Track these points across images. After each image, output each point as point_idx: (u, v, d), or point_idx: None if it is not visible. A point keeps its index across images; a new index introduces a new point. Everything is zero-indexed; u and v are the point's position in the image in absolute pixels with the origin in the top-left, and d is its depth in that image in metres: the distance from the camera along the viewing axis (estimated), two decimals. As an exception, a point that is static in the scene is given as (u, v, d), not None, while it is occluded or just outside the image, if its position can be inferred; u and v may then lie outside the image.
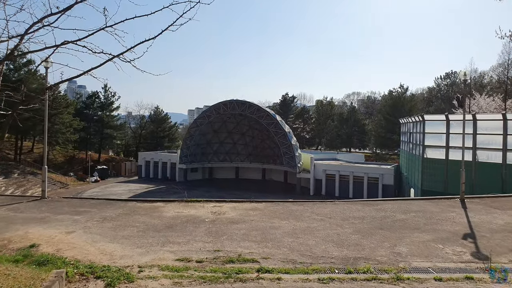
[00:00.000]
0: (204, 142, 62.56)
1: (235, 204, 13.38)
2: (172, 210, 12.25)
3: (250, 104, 52.93)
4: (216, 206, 12.99)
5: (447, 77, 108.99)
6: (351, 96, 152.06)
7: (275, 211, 12.21)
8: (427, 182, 33.74)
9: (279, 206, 13.10)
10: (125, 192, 50.28)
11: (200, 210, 12.36)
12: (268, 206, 13.09)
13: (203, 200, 13.86)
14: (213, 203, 13.45)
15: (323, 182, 49.74)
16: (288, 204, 13.42)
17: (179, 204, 13.32)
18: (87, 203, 13.15)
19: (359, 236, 9.45)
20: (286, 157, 51.96)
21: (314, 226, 10.35)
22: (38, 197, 13.70)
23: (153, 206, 12.84)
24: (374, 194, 46.36)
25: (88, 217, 11.20)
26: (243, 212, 12.08)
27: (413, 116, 39.76)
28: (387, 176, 46.27)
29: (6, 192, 45.73)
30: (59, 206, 12.57)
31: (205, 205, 13.18)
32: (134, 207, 12.73)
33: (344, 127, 79.21)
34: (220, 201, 13.88)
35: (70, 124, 65.08)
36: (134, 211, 12.13)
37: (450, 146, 31.96)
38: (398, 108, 65.92)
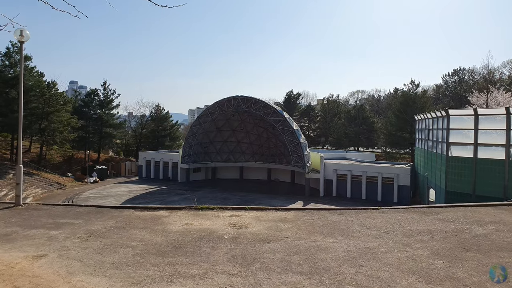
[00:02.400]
0: (207, 141, 59.89)
1: (258, 213, 10.66)
2: (179, 222, 9.54)
3: (255, 101, 50.21)
4: (234, 215, 10.28)
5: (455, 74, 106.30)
6: (355, 94, 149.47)
7: (312, 223, 9.49)
8: (453, 182, 31.03)
9: (314, 215, 10.38)
10: (124, 193, 47.66)
11: (214, 221, 9.65)
12: (300, 215, 10.37)
13: (217, 207, 11.14)
14: (230, 212, 10.74)
15: (334, 182, 47.03)
16: (325, 213, 10.70)
17: (187, 212, 10.60)
18: (72, 212, 10.43)
19: (444, 262, 6.73)
20: (294, 156, 49.19)
21: (374, 246, 7.63)
22: (11, 204, 10.99)
23: (155, 216, 10.13)
24: (389, 196, 43.73)
25: (70, 232, 8.48)
26: (270, 224, 9.37)
27: (433, 112, 37.04)
28: (403, 176, 43.54)
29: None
30: (35, 216, 9.86)
31: (220, 214, 10.47)
32: (131, 217, 10.02)
33: (352, 125, 76.39)
34: (237, 208, 11.17)
35: (68, 123, 62.54)
36: (130, 222, 9.42)
37: (479, 144, 29.23)
38: (410, 105, 63.06)
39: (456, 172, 30.88)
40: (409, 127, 64.66)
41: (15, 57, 57.75)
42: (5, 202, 11.35)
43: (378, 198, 44.27)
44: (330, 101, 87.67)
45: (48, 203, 11.15)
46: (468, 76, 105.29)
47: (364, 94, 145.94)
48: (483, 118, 29.08)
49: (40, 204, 11.12)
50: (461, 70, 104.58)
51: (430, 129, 38.82)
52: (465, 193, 30.25)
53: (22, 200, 11.10)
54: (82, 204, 11.01)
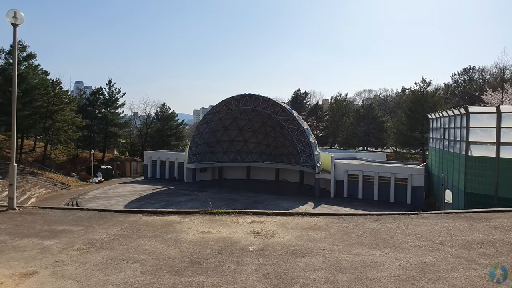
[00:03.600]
0: (214, 140, 58.67)
1: (282, 218, 9.38)
2: (194, 229, 8.27)
3: (264, 99, 48.90)
4: (256, 221, 9.00)
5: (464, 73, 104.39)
6: (362, 94, 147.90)
7: (348, 232, 8.19)
8: (473, 183, 29.54)
9: (347, 222, 9.07)
10: (130, 193, 46.56)
11: (234, 228, 8.37)
12: (332, 222, 9.07)
13: (235, 211, 9.87)
14: (250, 217, 9.46)
15: (345, 183, 45.62)
16: (359, 219, 9.38)
17: (202, 218, 9.33)
18: (71, 217, 9.19)
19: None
20: (304, 156, 47.83)
21: (432, 262, 6.32)
22: (3, 208, 9.78)
23: (166, 222, 8.87)
24: (402, 196, 42.29)
25: (67, 242, 7.24)
26: (300, 233, 8.08)
27: (450, 110, 35.57)
28: (416, 177, 42.06)
29: (2, 194, 42.16)
30: (29, 222, 8.63)
31: (240, 219, 9.20)
32: (138, 223, 8.76)
33: (361, 124, 74.86)
34: (258, 213, 9.89)
35: (73, 122, 61.56)
36: (138, 230, 8.16)
37: (502, 143, 27.74)
38: (421, 104, 61.46)
39: (476, 173, 29.40)
40: (420, 127, 63.10)
41: (19, 55, 56.84)
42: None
43: (391, 199, 42.83)
44: (338, 100, 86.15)
45: (46, 207, 9.93)
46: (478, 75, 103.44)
47: (371, 93, 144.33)
48: (506, 115, 27.61)
49: (36, 208, 9.90)
50: (471, 69, 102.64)
51: (446, 128, 37.33)
52: (486, 195, 28.77)
53: (20, 202, 9.87)
54: (83, 207, 9.79)
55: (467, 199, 29.95)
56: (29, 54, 57.93)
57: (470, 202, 29.61)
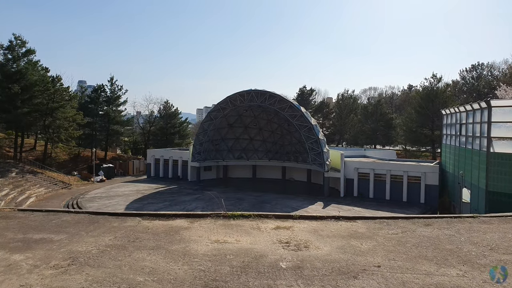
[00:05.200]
0: (218, 138, 56.96)
1: (312, 223, 7.69)
2: (206, 237, 6.60)
3: (270, 94, 47.10)
4: (281, 227, 7.32)
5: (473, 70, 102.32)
6: (367, 92, 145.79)
7: (400, 241, 6.49)
8: (495, 182, 27.70)
9: (392, 227, 7.37)
10: (132, 192, 44.98)
11: (256, 236, 6.70)
12: (374, 228, 7.38)
13: (253, 214, 8.19)
14: (273, 221, 7.78)
15: (355, 182, 43.79)
16: (405, 223, 7.69)
17: (215, 222, 7.67)
18: (54, 222, 7.54)
19: None
20: (312, 153, 46.05)
21: (537, 287, 4.63)
22: (-25, 211, 8.18)
23: (171, 228, 7.21)
24: (416, 196, 40.47)
25: (42, 256, 5.58)
26: (340, 242, 6.39)
27: (469, 104, 33.71)
28: (430, 175, 40.19)
29: (0, 193, 40.70)
30: (1, 229, 7.00)
31: (261, 224, 7.52)
32: (137, 229, 7.10)
33: (369, 121, 72.91)
34: (281, 216, 8.20)
35: (73, 119, 59.94)
36: (135, 238, 6.50)
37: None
38: (432, 100, 59.50)
39: (499, 170, 27.58)
40: (431, 123, 61.13)
41: (18, 50, 55.39)
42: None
43: (403, 198, 40.97)
44: (345, 97, 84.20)
45: (26, 209, 8.31)
46: (487, 71, 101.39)
47: (377, 91, 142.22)
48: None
49: (15, 210, 8.26)
50: (480, 65, 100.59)
51: (463, 124, 35.46)
52: (510, 194, 26.97)
53: (19, 202, 8.25)
54: (71, 210, 8.13)
55: (488, 199, 28.15)
56: (28, 49, 56.29)
57: (492, 202, 27.83)
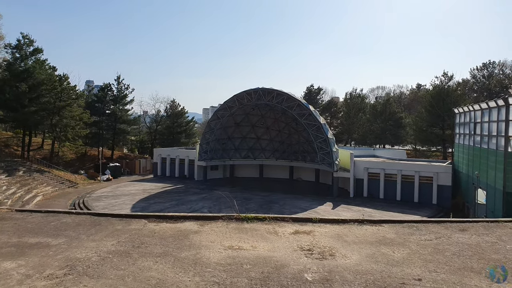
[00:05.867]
0: (225, 137, 56.39)
1: (334, 227, 7.00)
2: (219, 242, 5.94)
3: (278, 93, 46.40)
4: (300, 232, 6.65)
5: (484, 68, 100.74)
6: (375, 91, 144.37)
7: (437, 248, 5.78)
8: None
9: (424, 233, 6.66)
10: (138, 192, 44.56)
11: (274, 242, 6.03)
12: (403, 233, 6.67)
13: (269, 217, 7.52)
14: (291, 225, 7.11)
15: (365, 182, 42.96)
16: (437, 228, 6.96)
17: (227, 225, 7.01)
18: (53, 224, 6.93)
19: None
20: (321, 153, 45.26)
21: None
22: (-31, 211, 7.59)
23: (179, 232, 6.56)
24: (427, 196, 39.55)
25: (36, 264, 4.96)
26: (369, 250, 5.70)
27: (484, 102, 32.76)
28: (443, 175, 39.24)
29: (7, 192, 40.46)
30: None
31: (278, 228, 6.85)
32: (142, 233, 6.46)
33: (378, 121, 71.86)
34: (299, 219, 7.51)
35: (80, 118, 59.74)
36: (141, 244, 5.86)
37: (548, 137, 24.96)
38: (443, 99, 58.34)
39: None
40: (442, 122, 59.99)
41: (26, 49, 55.27)
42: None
43: (415, 199, 40.06)
44: (354, 96, 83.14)
45: (24, 210, 7.71)
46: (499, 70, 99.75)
47: (385, 90, 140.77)
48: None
49: (12, 211, 7.67)
50: (491, 64, 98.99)
51: (478, 122, 34.51)
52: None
53: (25, 201, 7.67)
54: (72, 210, 7.50)
55: (506, 200, 27.23)
56: (36, 48, 56.18)
57: (510, 203, 26.92)
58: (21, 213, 7.45)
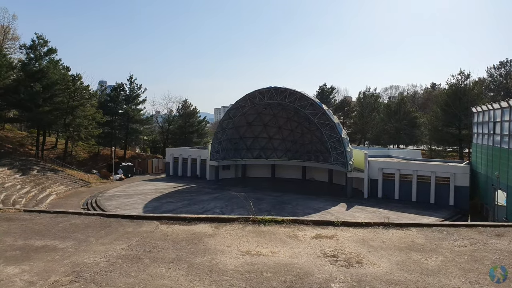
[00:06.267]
0: (237, 137, 56.07)
1: (358, 231, 6.54)
2: (235, 247, 5.54)
3: (291, 92, 45.87)
4: (322, 236, 6.20)
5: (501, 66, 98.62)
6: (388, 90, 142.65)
7: (474, 256, 5.28)
8: (536, 184, 25.84)
9: (456, 238, 6.15)
10: (151, 191, 44.52)
11: (294, 247, 5.60)
12: (434, 238, 6.18)
13: (287, 219, 7.09)
14: (311, 228, 6.67)
15: (380, 182, 42.15)
16: (470, 233, 6.45)
17: (243, 228, 6.60)
18: (62, 225, 6.61)
19: None
20: (335, 153, 44.58)
21: None
22: (-25, 211, 7.33)
23: (193, 235, 6.18)
24: (444, 198, 38.57)
25: (41, 269, 4.62)
26: (399, 256, 5.23)
27: (505, 101, 31.76)
28: (460, 176, 38.23)
29: (21, 191, 40.81)
30: (0, 233, 6.11)
31: (297, 231, 6.42)
32: (154, 235, 6.10)
33: (392, 120, 70.71)
34: (319, 222, 7.07)
35: (93, 117, 60.09)
36: (152, 247, 5.49)
37: None
38: (460, 98, 57.08)
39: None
40: (458, 122, 58.72)
41: (40, 49, 55.77)
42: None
43: (431, 200, 39.13)
44: (367, 95, 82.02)
45: (33, 210, 7.43)
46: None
47: (399, 89, 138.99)
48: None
49: (20, 211, 7.39)
50: (508, 62, 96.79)
51: (497, 122, 33.52)
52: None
53: (39, 200, 7.39)
54: (81, 211, 7.18)
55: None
56: (50, 49, 56.64)
57: (532, 205, 25.98)
58: (29, 214, 7.16)
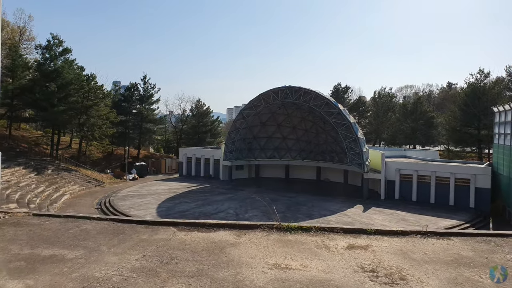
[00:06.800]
0: (251, 137, 55.56)
1: (395, 241, 5.92)
2: (261, 258, 4.98)
3: (305, 91, 45.13)
4: (356, 246, 5.61)
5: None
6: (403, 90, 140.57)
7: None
8: None
9: (509, 251, 5.49)
10: (164, 191, 44.33)
11: (327, 259, 5.02)
12: (481, 249, 5.52)
13: (315, 227, 6.50)
14: (342, 237, 6.07)
15: (397, 184, 41.13)
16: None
17: (267, 236, 6.04)
18: (72, 231, 6.15)
19: None
20: (351, 153, 43.69)
21: None
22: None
23: (213, 243, 5.64)
24: (464, 200, 37.40)
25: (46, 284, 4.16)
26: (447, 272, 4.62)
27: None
28: (481, 178, 37.00)
29: (36, 190, 41.01)
30: (5, 241, 5.66)
31: (327, 241, 5.83)
32: (171, 244, 5.58)
33: (408, 120, 69.27)
34: (350, 230, 6.47)
35: (107, 117, 60.31)
36: (170, 259, 4.97)
37: None
38: (479, 97, 55.52)
39: None
40: (477, 122, 57.17)
41: (55, 49, 56.14)
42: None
43: (450, 202, 38.00)
44: (382, 94, 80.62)
45: (42, 214, 6.99)
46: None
47: (414, 88, 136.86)
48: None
49: (29, 215, 6.96)
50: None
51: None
52: None
53: (53, 199, 6.96)
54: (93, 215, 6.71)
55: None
56: (65, 48, 57.01)
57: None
58: (38, 218, 6.73)
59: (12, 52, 52.65)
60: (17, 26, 66.04)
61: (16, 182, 40.96)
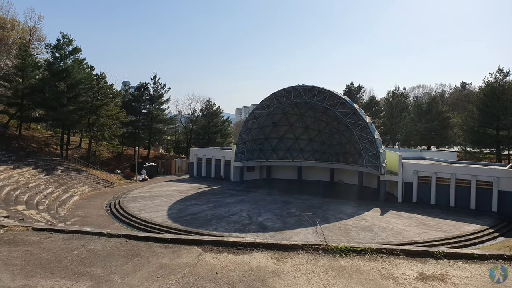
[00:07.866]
0: (262, 137, 54.43)
1: (476, 269, 4.75)
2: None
3: (320, 90, 43.85)
4: (428, 275, 4.45)
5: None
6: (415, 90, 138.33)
7: None
8: None
9: None
10: (175, 192, 43.41)
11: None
12: None
13: (370, 248, 5.36)
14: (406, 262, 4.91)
15: (414, 186, 39.66)
16: None
17: (315, 262, 4.91)
18: (77, 252, 5.07)
19: None
20: (367, 154, 42.26)
21: None
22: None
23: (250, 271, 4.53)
24: (486, 203, 35.83)
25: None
26: None
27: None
28: (505, 180, 35.36)
29: (45, 191, 40.36)
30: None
31: (391, 268, 4.68)
32: (198, 271, 4.48)
33: (423, 121, 67.56)
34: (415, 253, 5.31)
35: (117, 117, 59.65)
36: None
37: None
38: (498, 97, 53.69)
39: None
40: (496, 122, 55.34)
41: (65, 49, 55.63)
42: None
43: (471, 205, 36.43)
44: (396, 94, 78.91)
45: (43, 228, 5.94)
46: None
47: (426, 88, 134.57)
48: None
49: (28, 229, 5.91)
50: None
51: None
52: None
53: (62, 200, 5.97)
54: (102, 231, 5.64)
55: None
56: (75, 48, 56.44)
57: None
58: (38, 234, 5.67)
59: (22, 51, 52.22)
60: (27, 26, 65.82)
61: (25, 182, 40.37)
